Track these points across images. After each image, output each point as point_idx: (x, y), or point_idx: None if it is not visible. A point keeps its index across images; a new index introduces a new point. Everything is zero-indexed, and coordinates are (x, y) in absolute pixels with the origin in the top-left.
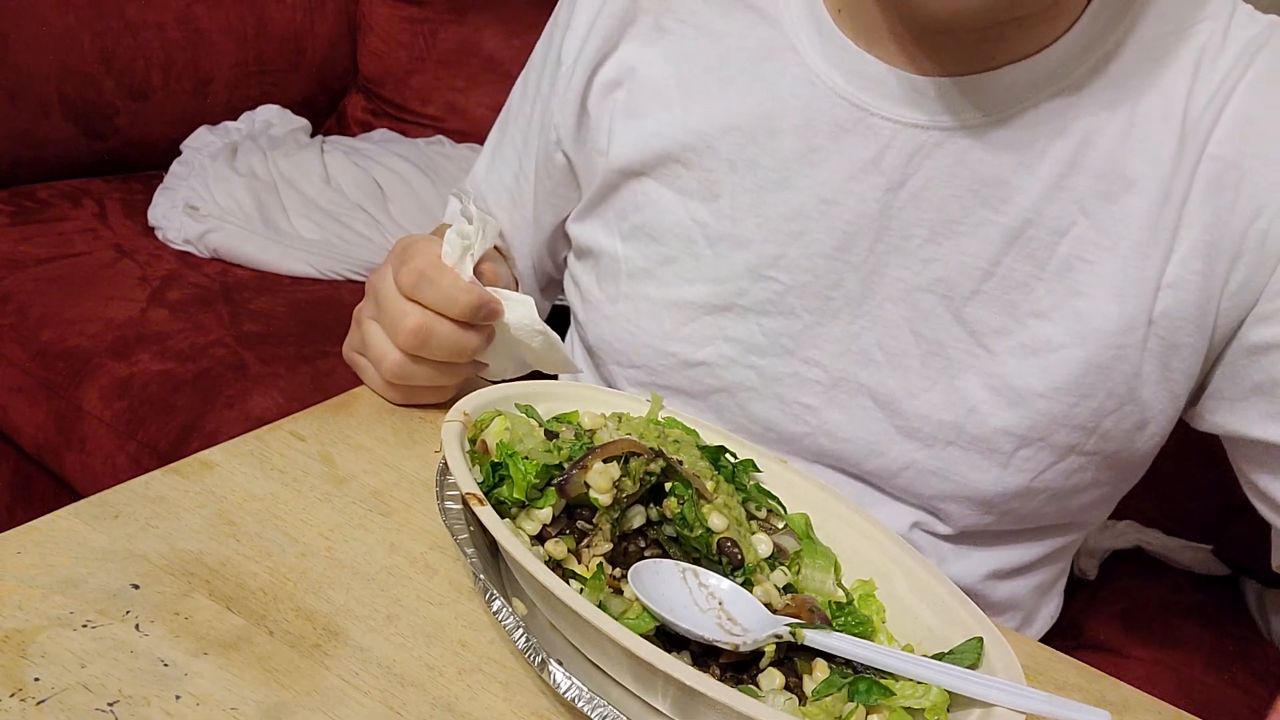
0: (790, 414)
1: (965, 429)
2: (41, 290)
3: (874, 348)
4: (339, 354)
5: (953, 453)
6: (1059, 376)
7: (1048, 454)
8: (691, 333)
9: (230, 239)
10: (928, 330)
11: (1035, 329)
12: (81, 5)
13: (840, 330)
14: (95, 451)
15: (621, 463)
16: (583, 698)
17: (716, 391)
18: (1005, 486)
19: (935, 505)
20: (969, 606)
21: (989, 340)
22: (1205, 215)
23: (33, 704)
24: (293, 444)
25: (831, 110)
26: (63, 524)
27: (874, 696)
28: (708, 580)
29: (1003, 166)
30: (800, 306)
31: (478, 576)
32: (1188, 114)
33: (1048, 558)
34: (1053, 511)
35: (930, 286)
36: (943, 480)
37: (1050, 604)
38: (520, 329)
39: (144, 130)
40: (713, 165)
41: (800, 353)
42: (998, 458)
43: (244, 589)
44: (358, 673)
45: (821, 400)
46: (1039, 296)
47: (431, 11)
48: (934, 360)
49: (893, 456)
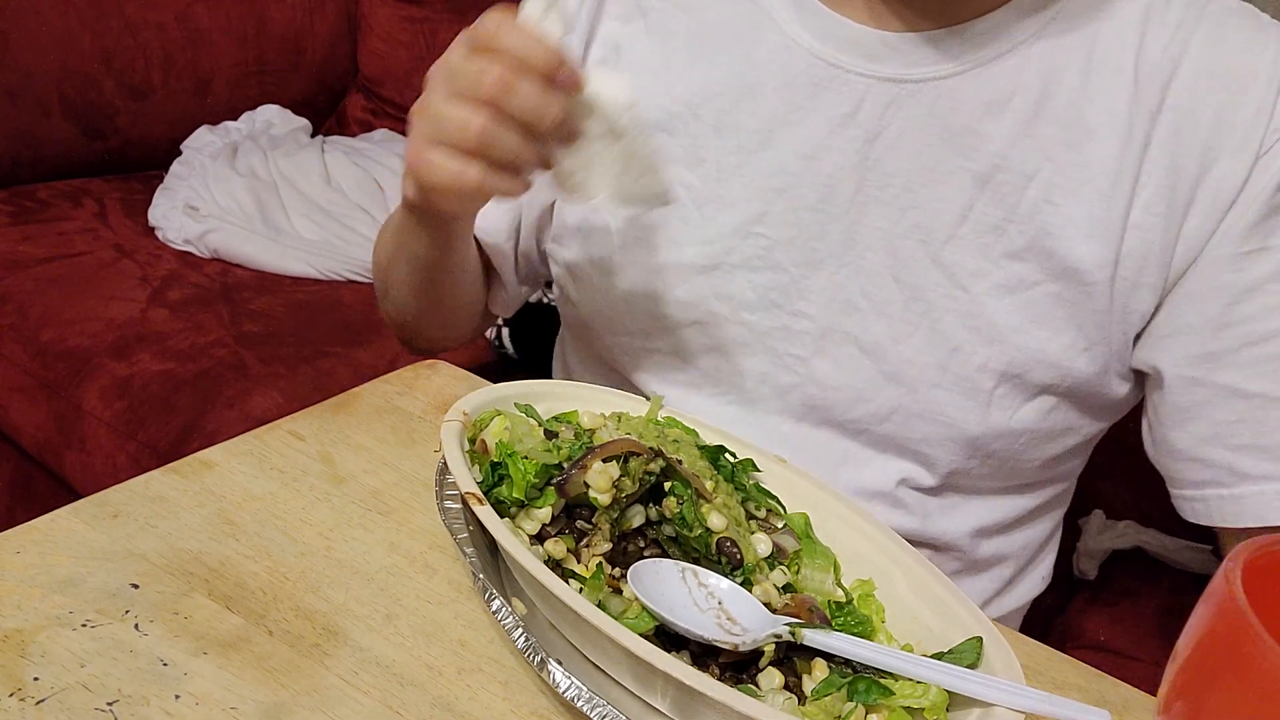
0: (781, 365)
1: (949, 369)
2: (42, 290)
3: (858, 296)
4: (339, 354)
5: (937, 394)
6: (1033, 312)
7: (1024, 391)
8: (684, 294)
9: (230, 239)
10: (908, 276)
11: (1009, 269)
12: (81, 5)
13: (825, 281)
14: (95, 451)
15: (621, 462)
16: (582, 697)
17: (709, 350)
18: (988, 426)
19: (922, 450)
20: (969, 606)
21: (966, 281)
22: (1165, 162)
23: (32, 703)
24: (292, 444)
25: (808, 70)
26: (62, 523)
27: (873, 696)
28: (707, 580)
29: (970, 115)
30: (786, 260)
31: (477, 576)
32: (1140, 64)
33: (1031, 514)
34: (1033, 458)
35: (908, 233)
36: (928, 423)
37: (1038, 568)
38: (605, 111)
39: (144, 130)
40: (697, 131)
41: (788, 305)
42: (980, 396)
43: (243, 588)
44: (357, 672)
45: (810, 350)
46: (1011, 238)
47: (431, 11)
48: (915, 305)
49: (880, 402)
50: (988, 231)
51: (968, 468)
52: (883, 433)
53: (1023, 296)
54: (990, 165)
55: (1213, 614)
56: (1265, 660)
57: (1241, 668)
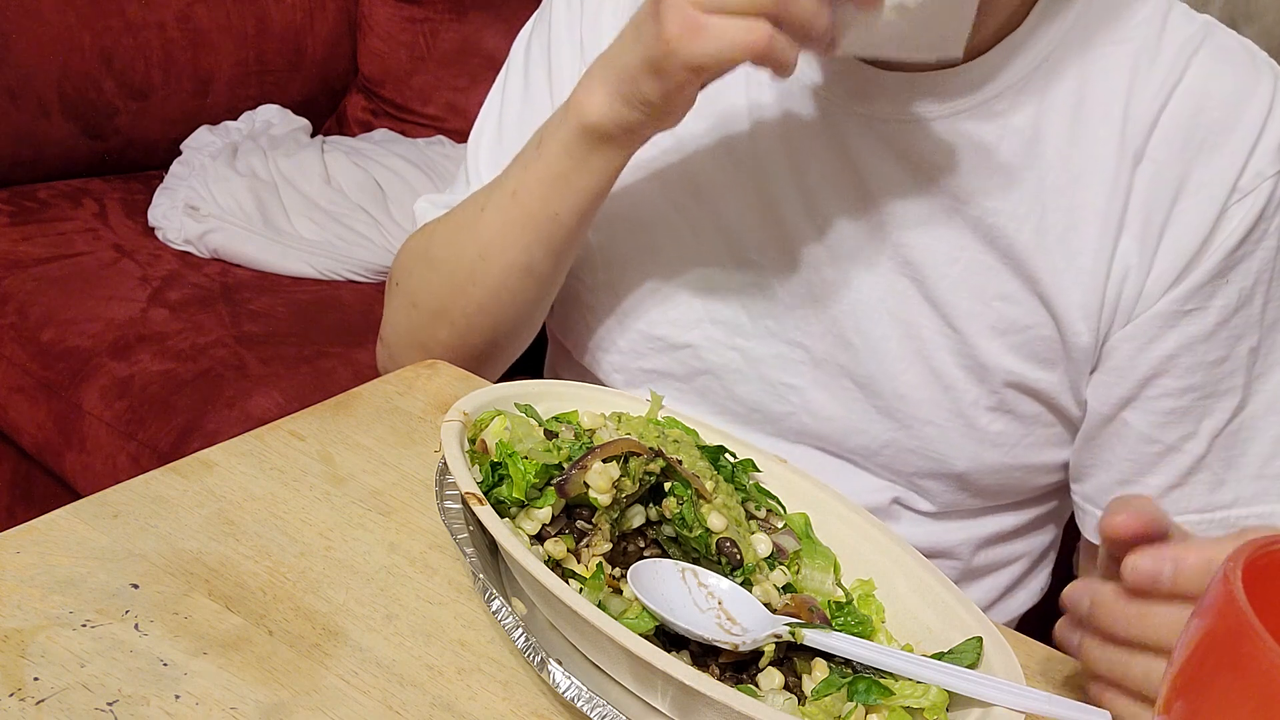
0: (775, 394)
1: (942, 406)
2: (42, 290)
3: (852, 332)
4: (339, 354)
5: (930, 430)
6: (1026, 353)
7: (1018, 428)
8: (678, 315)
9: (230, 239)
10: (903, 314)
11: (1001, 310)
12: (81, 5)
13: (821, 314)
14: (95, 451)
15: (621, 462)
16: (582, 697)
17: (702, 374)
18: (981, 462)
19: (915, 482)
20: (969, 606)
21: (959, 322)
22: (1142, 214)
23: (32, 703)
24: (292, 443)
25: (803, 105)
26: (62, 524)
27: (873, 696)
28: (707, 580)
29: (962, 158)
30: (781, 290)
31: (477, 576)
32: (1128, 114)
33: (1025, 527)
34: (1029, 486)
35: (902, 271)
36: (921, 458)
37: (1036, 578)
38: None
39: (144, 130)
40: (694, 156)
41: (783, 335)
42: (973, 433)
43: (243, 588)
44: (357, 672)
45: (805, 380)
46: (1003, 281)
47: (431, 11)
48: (909, 342)
49: (873, 435)
50: (980, 273)
51: (960, 500)
52: (877, 464)
53: (1015, 339)
54: (982, 209)
55: (1213, 614)
56: (1265, 660)
57: (1241, 668)
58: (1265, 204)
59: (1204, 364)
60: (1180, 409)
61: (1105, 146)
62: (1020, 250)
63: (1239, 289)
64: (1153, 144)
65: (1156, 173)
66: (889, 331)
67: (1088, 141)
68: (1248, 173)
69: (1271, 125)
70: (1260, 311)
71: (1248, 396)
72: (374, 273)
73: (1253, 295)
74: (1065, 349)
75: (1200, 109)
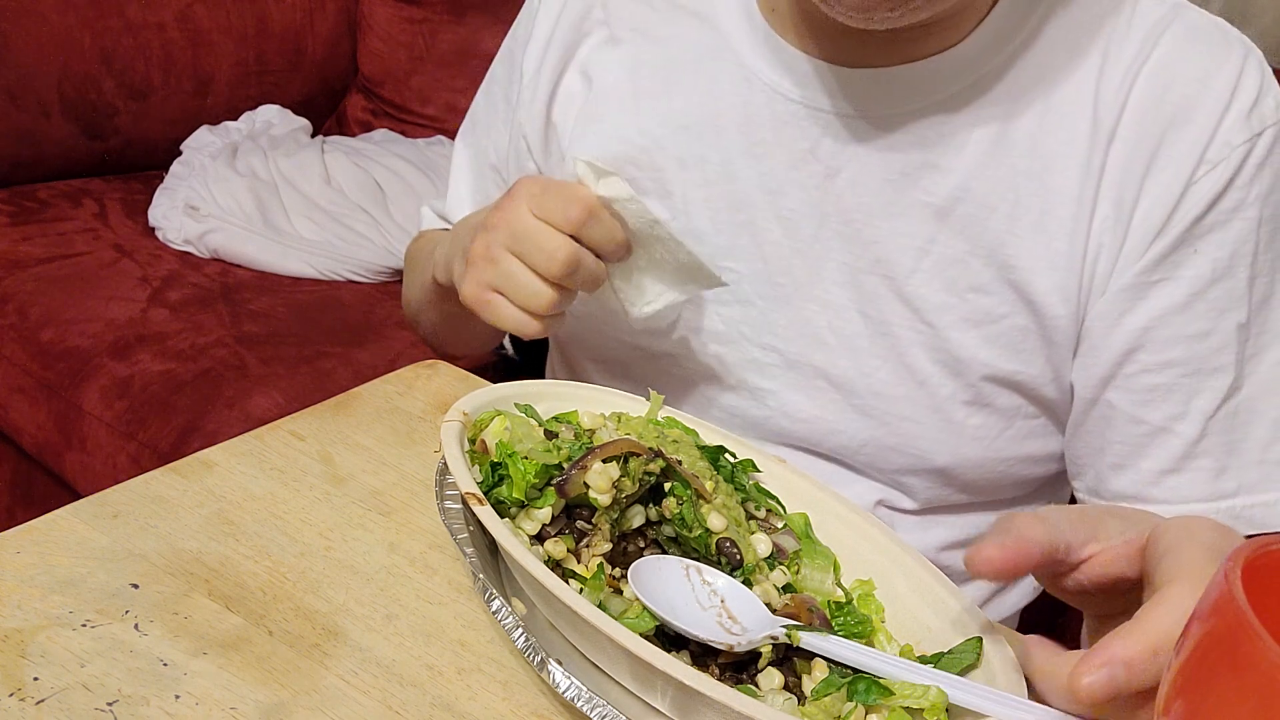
0: (753, 399)
1: (918, 402)
2: (42, 290)
3: (825, 331)
4: (339, 354)
5: (908, 427)
6: (1001, 344)
7: (997, 421)
8: (656, 325)
9: (230, 239)
10: (873, 311)
11: (975, 302)
12: (81, 5)
13: (793, 315)
14: (95, 451)
15: (621, 463)
16: (582, 697)
17: (681, 381)
18: (961, 456)
19: (898, 480)
20: (969, 606)
21: (932, 316)
22: (1113, 194)
23: (32, 703)
24: (292, 444)
25: (769, 104)
26: (62, 524)
27: (873, 696)
28: (710, 577)
29: (930, 150)
30: (754, 294)
31: (477, 576)
32: (1099, 97)
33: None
34: (1013, 480)
35: (871, 268)
36: (902, 455)
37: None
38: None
39: (144, 130)
40: (663, 164)
41: (758, 339)
42: (951, 428)
43: (243, 588)
44: (357, 672)
45: (780, 384)
46: (976, 271)
47: (431, 11)
48: (882, 339)
49: (851, 434)
50: (951, 265)
51: (945, 495)
52: (858, 463)
53: (990, 330)
54: (950, 198)
55: (1212, 614)
56: (1265, 660)
57: (1241, 668)
58: (1234, 174)
59: (1182, 337)
60: (1163, 386)
61: (1077, 130)
62: (992, 239)
63: (1211, 260)
64: (1124, 123)
65: (1128, 150)
66: (861, 329)
67: (1058, 126)
68: (1215, 143)
69: (1240, 96)
70: (1246, 286)
71: (1242, 376)
72: (374, 273)
73: (1233, 268)
74: (1044, 336)
75: (1169, 85)
